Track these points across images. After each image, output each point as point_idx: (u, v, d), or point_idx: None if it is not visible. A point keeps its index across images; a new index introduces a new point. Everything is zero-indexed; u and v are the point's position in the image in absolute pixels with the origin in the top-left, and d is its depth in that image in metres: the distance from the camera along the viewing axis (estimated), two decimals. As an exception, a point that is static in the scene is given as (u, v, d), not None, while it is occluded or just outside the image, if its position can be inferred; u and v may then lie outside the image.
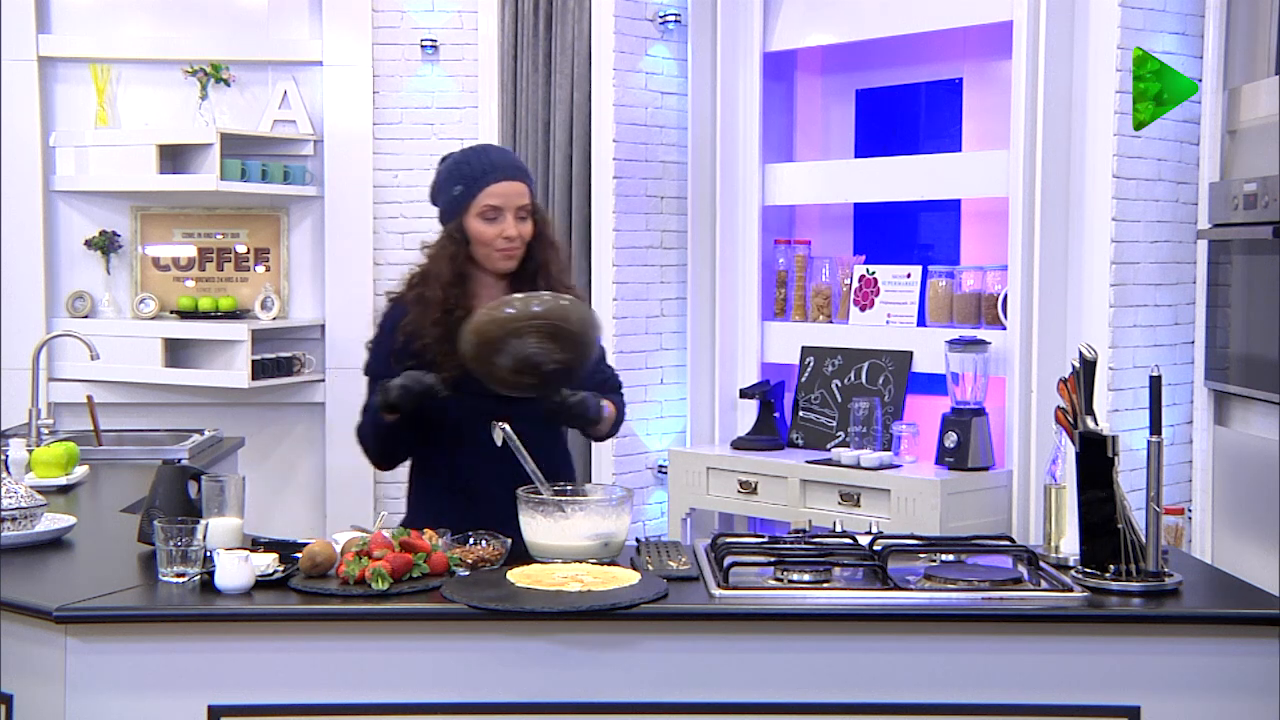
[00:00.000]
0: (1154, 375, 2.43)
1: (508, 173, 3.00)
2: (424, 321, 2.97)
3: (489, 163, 3.01)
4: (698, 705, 2.30)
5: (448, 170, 3.06)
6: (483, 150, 3.09)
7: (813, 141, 5.48)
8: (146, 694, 2.30)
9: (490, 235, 2.98)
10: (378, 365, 3.07)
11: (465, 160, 3.03)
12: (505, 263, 3.01)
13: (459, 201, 3.00)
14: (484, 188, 2.97)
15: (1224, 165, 4.30)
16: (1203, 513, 4.35)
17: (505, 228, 2.98)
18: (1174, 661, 2.30)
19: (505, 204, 2.98)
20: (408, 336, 2.99)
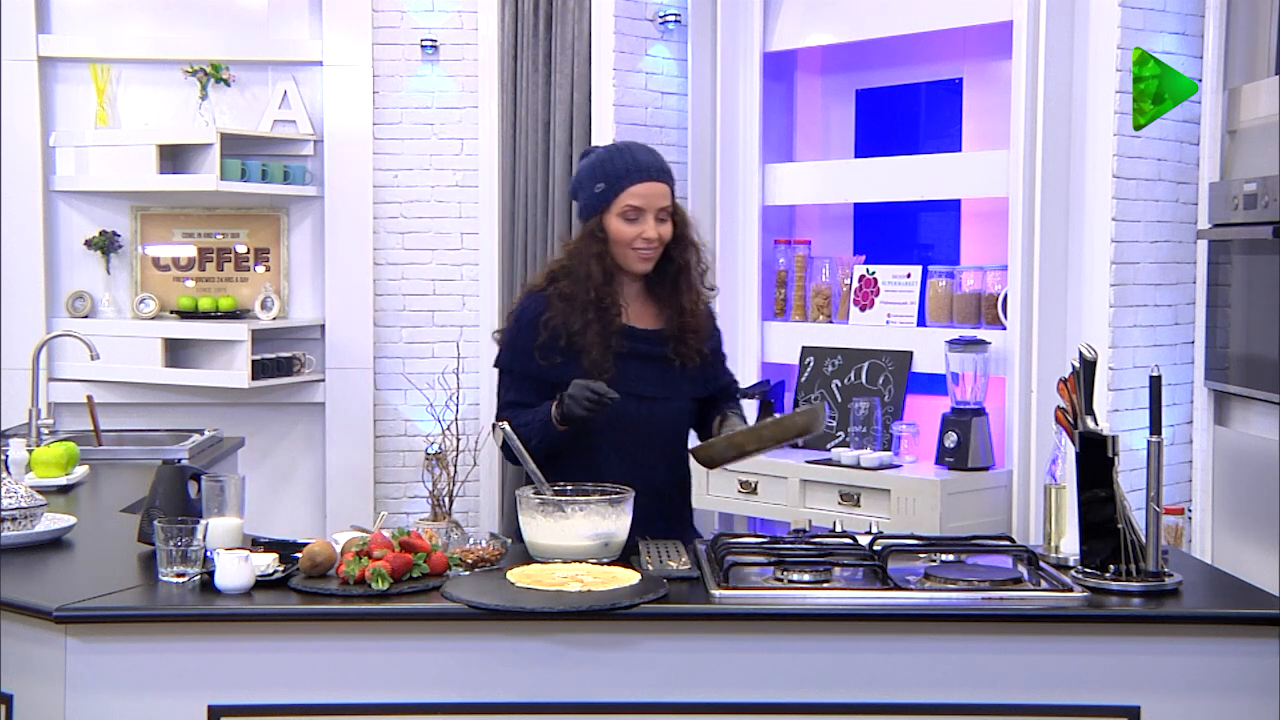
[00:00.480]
0: (1154, 375, 2.43)
1: (651, 174, 2.96)
2: (572, 319, 2.93)
3: (633, 162, 2.96)
4: (698, 705, 2.30)
5: (590, 167, 3.01)
6: (627, 149, 3.02)
7: (813, 141, 5.48)
8: (146, 694, 2.30)
9: (630, 236, 2.94)
10: (516, 359, 3.00)
11: (609, 158, 2.98)
12: (642, 264, 2.97)
13: (600, 200, 2.96)
14: (626, 187, 2.93)
15: (1224, 165, 4.30)
16: (1203, 513, 4.35)
17: (645, 229, 2.94)
18: (1174, 661, 2.30)
19: (647, 205, 2.94)
20: (553, 332, 2.94)
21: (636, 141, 3.10)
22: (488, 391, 5.83)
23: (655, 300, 3.05)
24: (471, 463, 3.07)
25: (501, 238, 5.78)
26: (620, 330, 2.96)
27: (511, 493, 5.05)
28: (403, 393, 5.80)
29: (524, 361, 2.97)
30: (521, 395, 2.98)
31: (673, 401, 3.01)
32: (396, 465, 5.91)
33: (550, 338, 2.94)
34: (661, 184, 2.97)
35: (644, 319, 3.03)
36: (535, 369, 2.95)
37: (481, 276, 5.87)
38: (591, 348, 2.91)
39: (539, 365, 2.94)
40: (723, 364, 3.17)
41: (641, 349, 2.98)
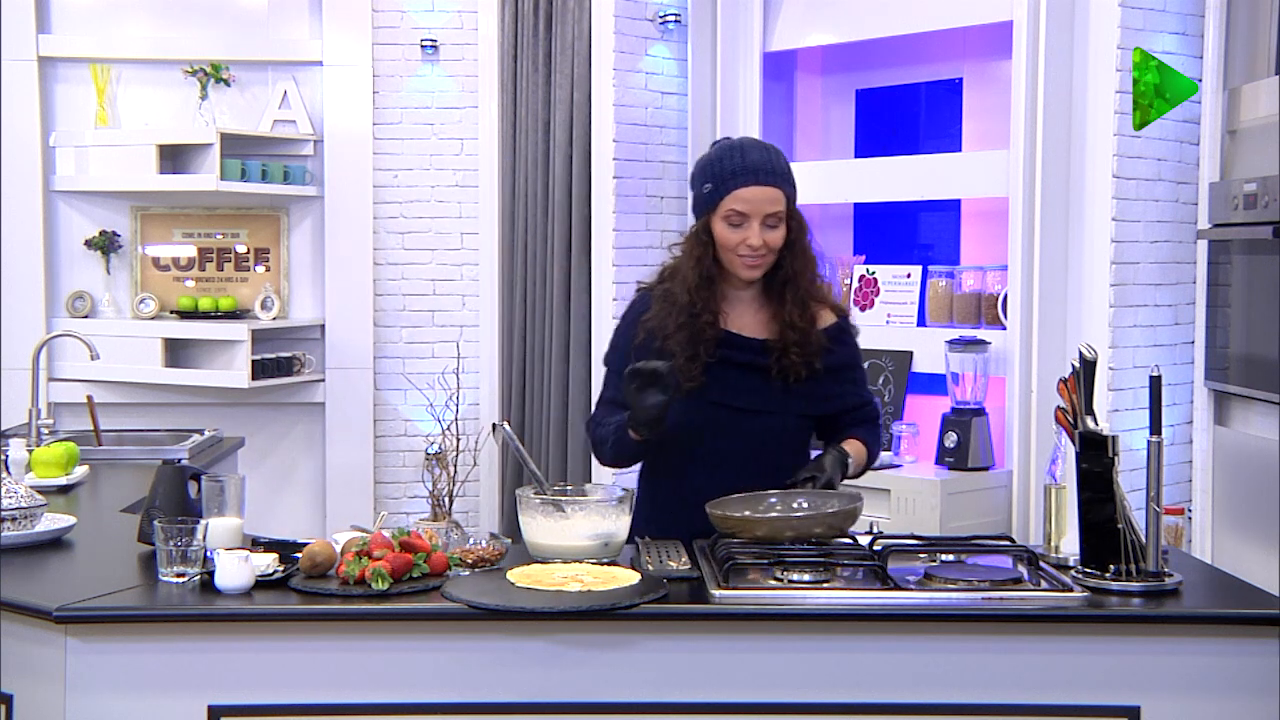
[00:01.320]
0: (1154, 375, 2.43)
1: (760, 177, 2.80)
2: (667, 321, 2.84)
3: (742, 164, 2.82)
4: (698, 705, 2.30)
5: (701, 164, 2.90)
6: (739, 148, 2.86)
7: (813, 141, 5.48)
8: (146, 694, 2.30)
9: (733, 241, 2.81)
10: (616, 357, 2.93)
11: (720, 157, 2.85)
12: (748, 272, 2.85)
13: (707, 200, 2.85)
14: (731, 190, 2.80)
15: (1224, 165, 4.30)
16: (1203, 513, 4.35)
17: (749, 235, 2.80)
18: (1174, 661, 2.30)
19: (752, 210, 2.80)
20: (649, 333, 2.86)
21: (756, 140, 2.94)
22: (488, 391, 5.84)
23: (767, 308, 2.91)
24: (471, 463, 3.08)
25: (501, 238, 5.78)
26: (715, 337, 2.84)
27: (511, 493, 5.06)
28: (403, 393, 5.80)
29: (621, 360, 2.87)
30: (616, 393, 2.89)
31: (774, 416, 2.86)
32: (396, 465, 5.91)
33: (646, 338, 2.86)
34: (772, 188, 2.81)
35: (751, 327, 2.90)
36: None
37: (481, 276, 5.87)
38: (679, 353, 2.82)
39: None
40: (850, 382, 2.97)
41: (741, 358, 2.86)
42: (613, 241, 5.27)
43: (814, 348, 2.87)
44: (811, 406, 2.89)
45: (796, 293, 2.87)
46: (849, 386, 2.96)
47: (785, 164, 2.87)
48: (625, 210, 5.30)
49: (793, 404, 2.87)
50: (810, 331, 2.88)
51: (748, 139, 2.93)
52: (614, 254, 5.27)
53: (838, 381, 2.93)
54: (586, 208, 5.39)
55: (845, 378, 2.96)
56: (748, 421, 2.84)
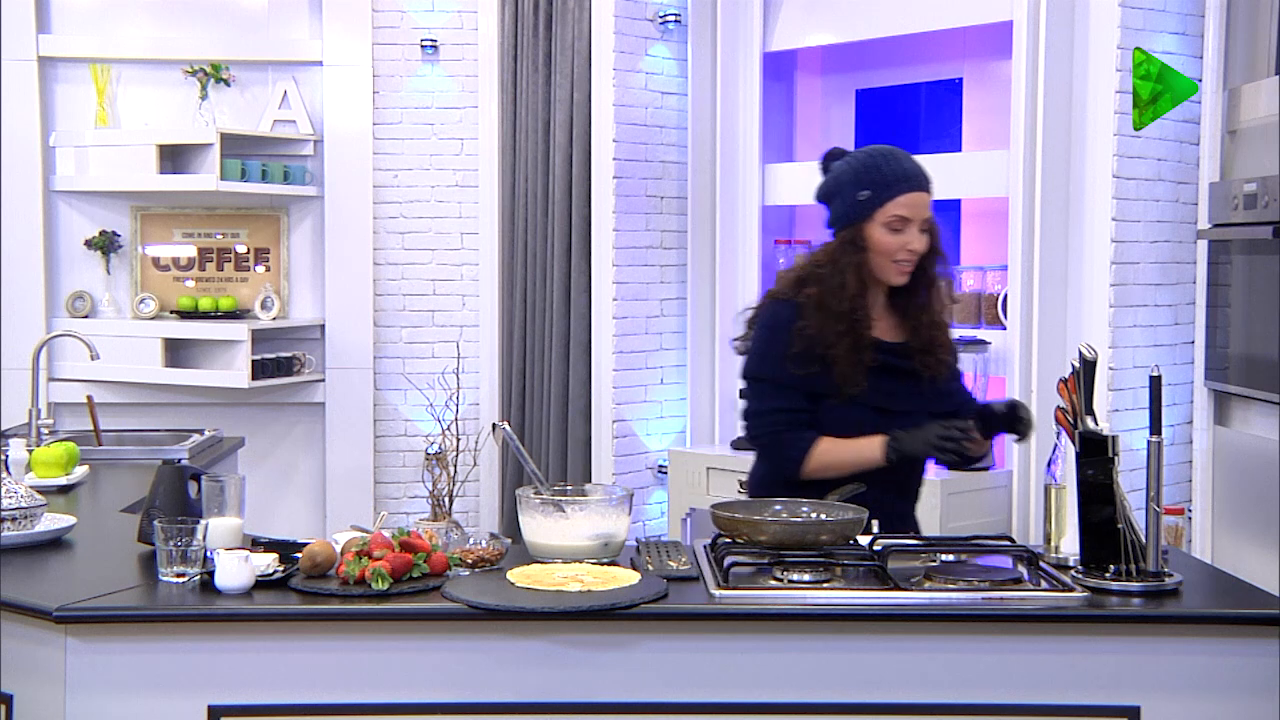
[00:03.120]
0: (1154, 375, 2.43)
1: (918, 183, 2.87)
2: (826, 330, 2.85)
3: (902, 171, 2.87)
4: (698, 705, 2.30)
5: (854, 172, 2.91)
6: (893, 156, 2.90)
7: (813, 141, 5.48)
8: (146, 694, 2.30)
9: (893, 247, 2.85)
10: (771, 367, 2.91)
11: (875, 165, 2.88)
12: (900, 277, 2.89)
13: (863, 208, 2.87)
14: (895, 196, 2.85)
15: (1224, 165, 4.30)
16: (1203, 513, 4.35)
17: (909, 240, 2.85)
18: (1174, 661, 2.30)
19: (914, 215, 2.85)
20: (808, 342, 2.86)
21: (896, 148, 2.96)
22: (488, 391, 5.84)
23: (899, 312, 2.95)
24: (471, 463, 3.07)
25: (501, 238, 5.78)
26: (871, 343, 2.88)
27: (511, 493, 5.06)
28: (403, 393, 5.80)
29: (779, 369, 2.89)
30: (791, 402, 2.89)
31: (918, 416, 2.89)
32: (396, 465, 5.91)
33: (805, 347, 2.86)
34: (928, 194, 2.88)
35: (889, 331, 2.94)
36: (792, 378, 2.87)
37: (481, 276, 5.88)
38: (842, 360, 2.84)
39: (795, 374, 2.86)
40: (961, 380, 3.07)
41: (890, 362, 2.90)
42: (613, 241, 5.27)
43: (953, 347, 2.98)
44: (944, 403, 2.95)
45: (939, 293, 2.93)
46: (960, 384, 3.07)
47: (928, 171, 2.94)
48: (625, 210, 5.30)
49: (932, 403, 2.92)
50: (949, 332, 2.98)
51: (890, 147, 2.96)
52: (614, 254, 5.27)
53: (955, 378, 3.04)
54: (586, 208, 5.39)
55: (959, 376, 3.07)
56: (899, 423, 2.87)
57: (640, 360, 5.38)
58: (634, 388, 5.37)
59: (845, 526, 2.60)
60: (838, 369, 2.84)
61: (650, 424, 5.42)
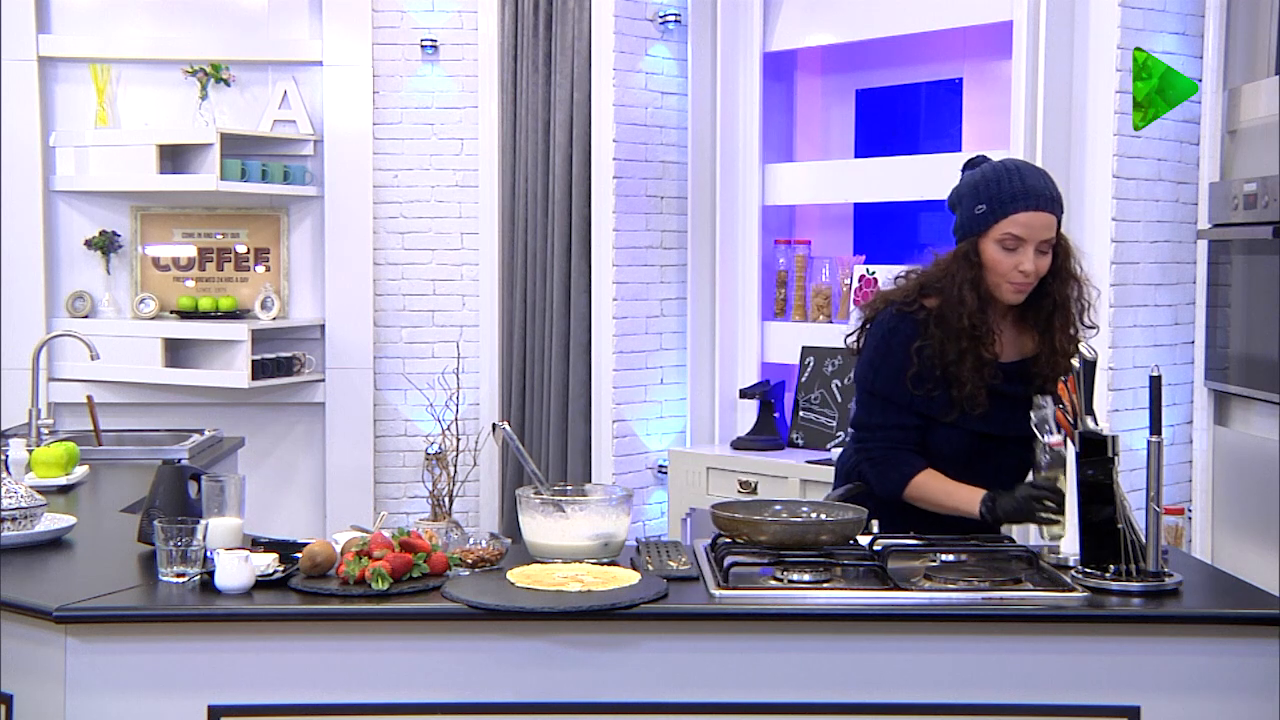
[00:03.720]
0: (1154, 375, 2.43)
1: (1038, 202, 2.77)
2: (948, 349, 2.79)
3: (1021, 188, 2.78)
4: (698, 705, 2.30)
5: (974, 185, 2.85)
6: (1017, 171, 2.81)
7: (813, 141, 5.48)
8: (146, 694, 2.30)
9: (1005, 266, 2.78)
10: (885, 384, 2.86)
11: (997, 179, 2.81)
12: (1013, 297, 2.81)
13: (979, 222, 2.80)
14: (1010, 214, 2.76)
15: (1224, 165, 4.30)
16: (1203, 513, 4.35)
17: (1022, 260, 2.77)
18: (1174, 661, 2.30)
19: (1029, 235, 2.76)
20: (927, 361, 2.80)
21: (1029, 163, 2.90)
22: (488, 391, 5.84)
23: (1024, 330, 2.88)
24: (471, 463, 3.07)
25: (501, 238, 5.78)
26: (993, 362, 2.81)
27: (511, 493, 5.06)
28: (403, 393, 5.80)
29: (894, 387, 2.84)
30: (904, 419, 2.86)
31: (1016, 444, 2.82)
32: (396, 465, 5.91)
33: (925, 367, 2.80)
34: (1049, 214, 2.78)
35: (1010, 352, 2.88)
36: (906, 396, 2.83)
37: (481, 276, 5.88)
38: (966, 381, 2.78)
39: (911, 393, 2.82)
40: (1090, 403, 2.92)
41: (1004, 386, 2.84)
42: (613, 241, 5.26)
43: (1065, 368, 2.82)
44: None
45: (1065, 318, 2.84)
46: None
47: (1058, 189, 2.85)
48: (625, 210, 5.30)
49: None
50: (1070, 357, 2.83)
51: (1022, 161, 2.89)
52: (614, 254, 5.27)
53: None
54: (586, 208, 5.39)
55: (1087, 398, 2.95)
56: (1011, 447, 2.82)
57: (640, 360, 5.38)
58: (634, 388, 5.37)
59: (845, 526, 2.60)
60: (960, 389, 2.79)
61: (650, 424, 5.42)
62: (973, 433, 2.84)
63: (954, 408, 2.81)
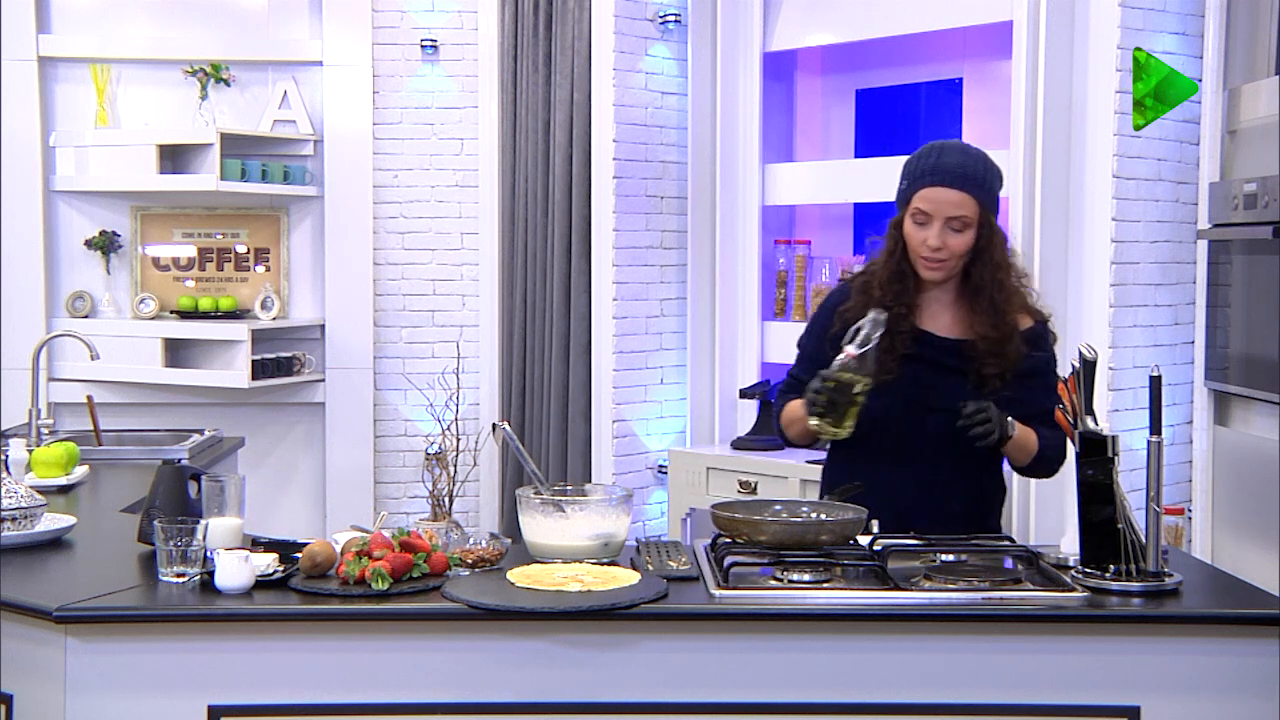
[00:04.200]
0: (1154, 375, 2.43)
1: (946, 179, 2.82)
2: (863, 315, 2.83)
3: (933, 164, 2.84)
4: (698, 705, 2.30)
5: (906, 161, 2.92)
6: (937, 149, 2.88)
7: (813, 141, 5.48)
8: (146, 694, 2.30)
9: (915, 241, 2.85)
10: (810, 342, 3.01)
11: (917, 156, 2.89)
12: (927, 273, 2.86)
13: (900, 197, 2.90)
14: (918, 189, 2.84)
15: (1224, 165, 4.29)
16: (1203, 513, 4.35)
17: (929, 236, 2.82)
18: (1174, 661, 2.30)
19: (935, 211, 2.82)
20: (845, 324, 2.85)
21: (960, 144, 2.93)
22: (488, 391, 5.84)
23: (963, 309, 2.92)
24: (471, 463, 3.07)
25: (501, 238, 5.78)
26: (909, 332, 2.86)
27: (511, 493, 5.06)
28: (403, 393, 5.80)
29: (816, 345, 2.98)
30: (805, 373, 2.94)
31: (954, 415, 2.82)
32: (396, 465, 5.91)
33: (842, 329, 2.86)
34: (959, 191, 2.81)
35: (947, 326, 2.92)
36: (824, 355, 2.89)
37: (481, 276, 5.88)
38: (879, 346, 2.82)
39: (827, 353, 2.88)
40: (1039, 388, 2.88)
41: (935, 357, 2.88)
42: (613, 241, 5.26)
43: (1011, 358, 2.86)
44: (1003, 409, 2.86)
45: (986, 303, 2.87)
46: (1040, 391, 2.89)
47: (984, 171, 2.86)
48: (625, 210, 5.30)
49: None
50: (1006, 341, 2.86)
51: (955, 141, 2.94)
52: (614, 254, 5.27)
53: (1028, 386, 2.90)
54: (586, 208, 5.39)
55: (1036, 381, 2.91)
56: (938, 419, 2.85)
57: (640, 360, 5.38)
58: (634, 388, 5.37)
59: (845, 526, 2.60)
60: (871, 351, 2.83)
61: (650, 424, 5.42)
62: (900, 397, 2.86)
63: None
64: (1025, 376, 2.91)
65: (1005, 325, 2.87)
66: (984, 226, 2.86)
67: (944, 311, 2.93)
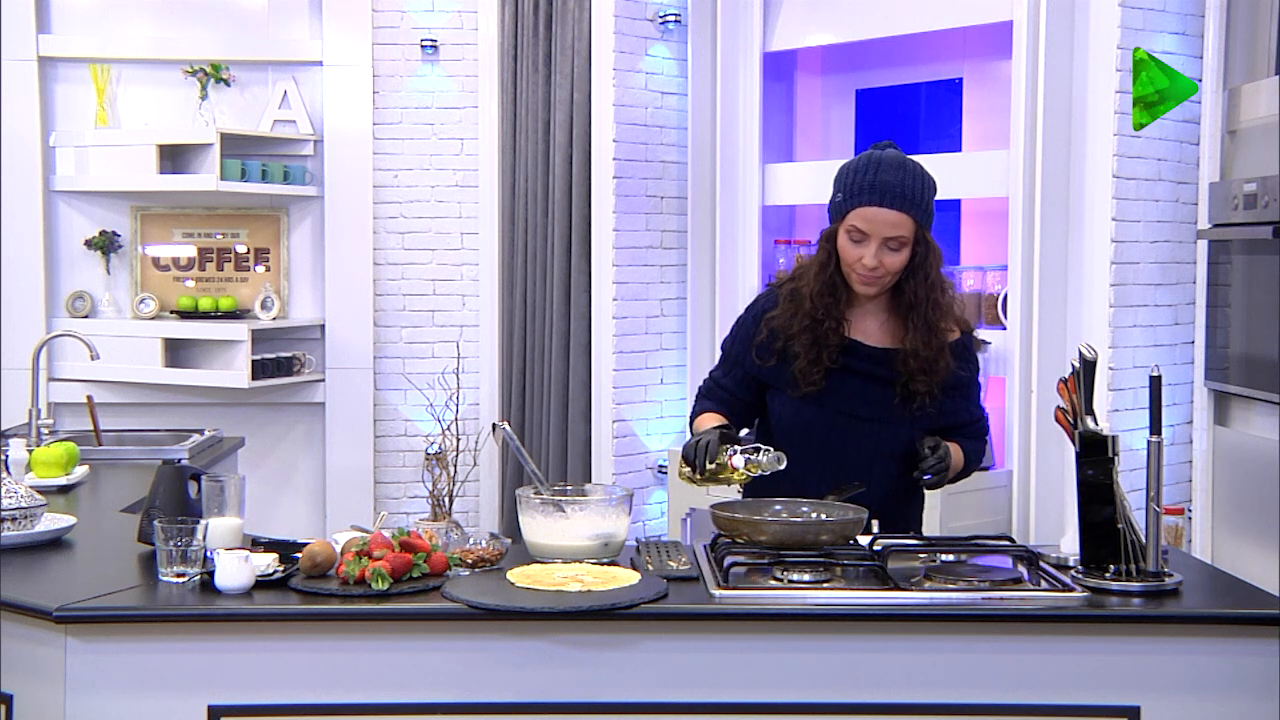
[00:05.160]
0: (1154, 375, 2.43)
1: (885, 199, 2.78)
2: (790, 324, 2.85)
3: (871, 182, 2.80)
4: (698, 705, 2.30)
5: (840, 171, 2.89)
6: (875, 165, 2.83)
7: (813, 141, 5.48)
8: (146, 694, 2.30)
9: (850, 257, 2.82)
10: (735, 346, 2.98)
11: (855, 169, 2.85)
12: (862, 288, 2.84)
13: (835, 210, 2.87)
14: (855, 207, 2.81)
15: (1224, 165, 4.30)
16: (1203, 513, 4.35)
17: (864, 254, 2.80)
18: (1174, 661, 2.30)
19: (872, 231, 2.79)
20: (772, 331, 2.88)
21: (899, 158, 2.86)
22: (488, 391, 5.84)
23: (893, 319, 2.90)
24: (471, 463, 3.07)
25: (501, 238, 5.78)
26: (838, 344, 2.84)
27: (511, 493, 5.06)
28: (403, 393, 5.80)
29: (740, 350, 2.96)
30: (725, 376, 2.99)
31: (890, 425, 2.86)
32: (396, 465, 5.91)
33: (768, 337, 2.88)
34: (897, 212, 2.78)
35: (876, 335, 2.90)
36: (748, 361, 2.92)
37: (481, 276, 5.88)
38: (802, 356, 2.84)
39: (752, 360, 2.90)
40: (963, 398, 2.94)
41: (863, 367, 2.86)
42: (613, 241, 5.27)
43: (941, 373, 2.85)
44: (926, 420, 2.89)
45: (919, 319, 2.84)
46: (962, 402, 2.95)
47: (921, 188, 2.82)
48: (625, 210, 5.30)
49: (908, 416, 2.87)
50: (938, 358, 2.85)
51: (892, 155, 2.87)
52: (614, 254, 5.27)
53: (952, 397, 2.92)
54: (586, 208, 5.39)
55: (960, 394, 2.94)
56: (864, 428, 2.85)
57: (640, 360, 5.38)
58: (634, 388, 5.37)
59: (845, 526, 2.60)
60: (796, 364, 2.84)
61: (650, 424, 5.42)
62: (829, 409, 2.86)
63: (795, 382, 2.86)
64: (951, 389, 2.91)
65: (936, 341, 2.85)
66: (919, 244, 2.83)
67: (872, 320, 2.91)
